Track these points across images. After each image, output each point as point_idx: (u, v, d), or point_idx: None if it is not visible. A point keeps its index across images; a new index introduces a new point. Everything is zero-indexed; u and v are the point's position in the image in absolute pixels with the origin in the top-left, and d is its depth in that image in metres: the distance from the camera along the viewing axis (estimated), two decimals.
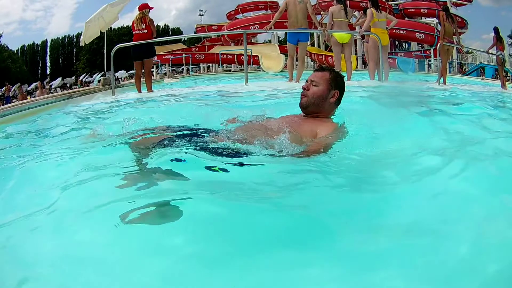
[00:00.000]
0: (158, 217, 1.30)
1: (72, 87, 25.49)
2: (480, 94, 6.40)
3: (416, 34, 22.56)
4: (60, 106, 5.97)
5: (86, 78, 31.32)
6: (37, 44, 57.65)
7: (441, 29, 8.58)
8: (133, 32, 7.55)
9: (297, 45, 7.48)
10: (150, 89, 7.56)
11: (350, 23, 10.00)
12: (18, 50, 55.43)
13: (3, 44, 49.44)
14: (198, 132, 2.09)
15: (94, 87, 10.15)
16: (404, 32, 22.65)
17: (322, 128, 2.12)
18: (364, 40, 8.66)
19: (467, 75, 21.05)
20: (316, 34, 23.69)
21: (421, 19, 26.76)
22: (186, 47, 29.87)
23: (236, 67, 22.24)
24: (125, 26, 45.57)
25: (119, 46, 7.81)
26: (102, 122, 3.59)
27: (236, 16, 31.63)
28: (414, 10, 26.51)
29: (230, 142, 1.90)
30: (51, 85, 29.35)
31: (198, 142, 1.91)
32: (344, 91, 2.36)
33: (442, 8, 8.70)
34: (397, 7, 26.89)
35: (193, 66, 24.04)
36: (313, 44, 25.58)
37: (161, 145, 1.89)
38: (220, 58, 21.09)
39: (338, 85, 2.31)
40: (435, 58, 8.28)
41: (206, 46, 27.37)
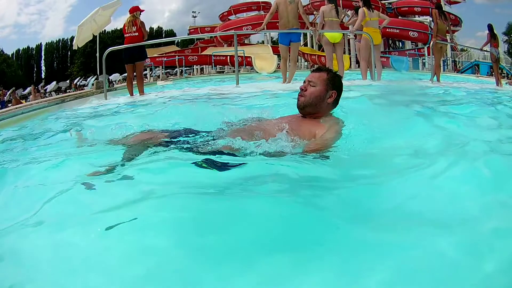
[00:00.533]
0: (154, 217, 1.29)
1: (67, 91, 25.44)
2: (474, 91, 6.39)
3: (410, 32, 22.61)
4: (53, 110, 5.94)
5: (81, 82, 31.36)
6: (31, 48, 57.58)
7: (434, 26, 8.57)
8: (124, 35, 7.49)
9: (289, 46, 7.37)
10: (142, 92, 7.49)
11: (342, 22, 9.97)
12: (13, 54, 55.34)
13: None
14: (195, 133, 2.10)
15: (87, 91, 10.13)
16: (398, 31, 22.71)
17: (320, 128, 2.12)
18: (356, 39, 8.63)
19: (462, 72, 21.09)
20: (309, 34, 23.67)
21: (414, 17, 26.84)
22: (180, 49, 29.88)
23: (230, 68, 22.11)
24: (118, 29, 45.36)
25: (110, 49, 7.77)
26: (92, 126, 3.54)
27: (229, 17, 31.63)
28: (407, 8, 26.56)
29: (228, 143, 1.90)
30: (46, 89, 29.33)
31: (195, 143, 1.92)
32: (342, 91, 2.36)
33: (435, 5, 8.66)
34: (390, 5, 26.93)
35: (186, 68, 23.98)
36: (306, 44, 25.63)
37: (158, 145, 1.91)
38: (213, 59, 21.02)
39: (335, 85, 2.31)
40: (429, 57, 8.31)
41: (199, 48, 27.31)
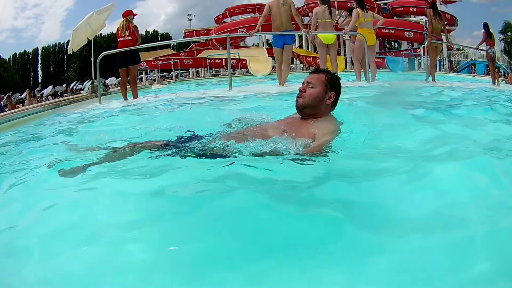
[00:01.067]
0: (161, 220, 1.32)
1: (63, 95, 25.36)
2: (469, 91, 6.36)
3: (405, 32, 22.60)
4: (47, 115, 5.95)
5: (77, 86, 31.20)
6: (28, 52, 57.38)
7: (428, 26, 8.53)
8: (117, 39, 7.49)
9: (283, 48, 7.30)
10: (135, 96, 7.50)
11: (337, 23, 9.95)
12: (10, 59, 55.14)
13: None
14: (194, 137, 2.12)
15: (81, 95, 10.10)
16: (393, 31, 22.70)
17: (320, 129, 2.13)
18: (351, 40, 8.60)
19: (458, 72, 21.11)
20: (304, 36, 23.69)
21: (410, 17, 26.86)
22: (175, 52, 29.83)
23: (225, 71, 22.03)
24: (114, 32, 45.38)
25: (104, 53, 7.80)
26: (85, 131, 3.53)
27: (224, 20, 31.62)
28: (403, 8, 26.56)
29: (227, 146, 1.91)
30: (42, 93, 29.23)
31: (195, 147, 1.93)
32: (341, 93, 2.37)
33: (430, 5, 8.64)
34: (385, 6, 26.96)
35: (182, 71, 23.94)
36: (301, 46, 25.64)
37: (160, 149, 1.92)
38: (208, 62, 20.96)
39: (334, 86, 2.32)
40: (425, 56, 8.31)
41: (195, 51, 27.27)
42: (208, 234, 1.20)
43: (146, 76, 21.03)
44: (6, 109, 15.11)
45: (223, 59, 20.20)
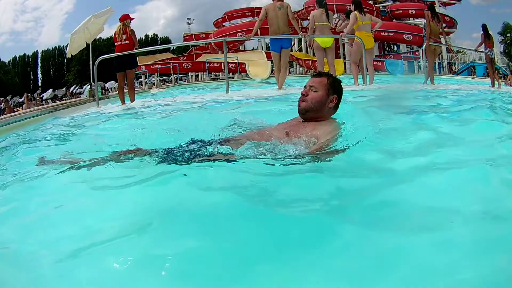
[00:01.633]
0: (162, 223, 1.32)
1: (63, 99, 25.39)
2: (467, 93, 6.33)
3: (404, 35, 22.60)
4: (45, 118, 5.94)
5: (77, 89, 31.27)
6: (28, 55, 57.55)
7: (426, 28, 8.49)
8: (115, 43, 7.50)
9: (280, 52, 7.29)
10: (133, 99, 7.52)
11: (335, 26, 9.91)
12: (9, 62, 55.32)
13: None
14: (195, 142, 2.10)
15: (80, 99, 10.13)
16: (392, 34, 22.70)
17: (322, 132, 2.14)
18: (349, 44, 8.58)
19: (458, 74, 21.11)
20: (303, 40, 23.70)
21: (409, 20, 26.85)
22: (174, 56, 29.86)
23: (224, 75, 22.05)
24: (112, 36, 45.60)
25: (102, 57, 7.80)
26: (77, 137, 3.52)
27: (223, 24, 31.67)
28: (402, 11, 26.57)
29: (229, 150, 1.90)
30: (42, 96, 29.26)
31: (195, 150, 1.92)
32: (342, 96, 2.39)
33: (428, 7, 8.61)
34: (384, 9, 26.98)
35: (182, 75, 23.94)
36: (301, 50, 25.64)
37: (161, 155, 1.92)
38: (207, 66, 20.98)
39: (336, 90, 2.34)
40: (425, 59, 8.31)
41: (194, 55, 27.36)
42: (202, 238, 1.19)
43: (146, 80, 21.06)
44: (5, 112, 15.11)
45: (222, 63, 20.26)
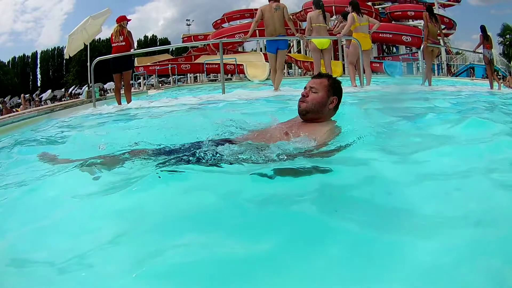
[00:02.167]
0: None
1: (62, 99, 25.39)
2: (464, 95, 6.31)
3: (403, 37, 22.63)
4: (42, 119, 5.94)
5: (76, 90, 31.27)
6: (27, 55, 57.52)
7: (424, 30, 8.45)
8: (111, 44, 7.50)
9: (277, 53, 7.26)
10: (129, 101, 7.53)
11: (333, 27, 9.87)
12: (9, 62, 55.29)
13: None
14: (193, 143, 2.08)
15: (77, 100, 10.14)
16: (391, 36, 22.73)
17: (322, 133, 2.15)
18: (346, 45, 8.56)
19: (457, 76, 21.11)
20: (306, 42, 23.72)
21: (408, 22, 26.88)
22: (173, 57, 29.84)
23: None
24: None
25: (98, 59, 7.85)
26: (75, 137, 3.49)
27: (222, 25, 31.70)
28: (401, 13, 26.63)
29: (229, 151, 1.89)
30: (41, 97, 29.22)
31: (193, 154, 1.90)
32: (342, 96, 2.40)
33: (426, 8, 8.55)
34: (383, 10, 27.02)
35: (180, 76, 23.93)
36: (299, 51, 25.64)
37: (162, 155, 1.90)
38: (205, 68, 20.97)
39: (336, 91, 2.35)
40: (424, 61, 8.28)
41: (193, 56, 27.35)
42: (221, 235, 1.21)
43: (145, 81, 21.05)
44: (2, 113, 15.10)
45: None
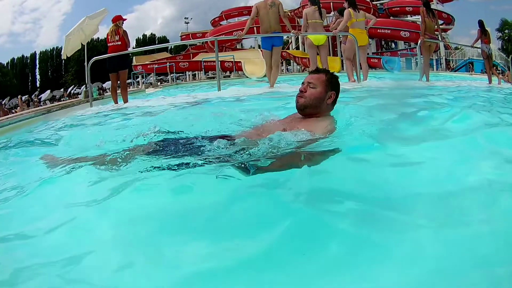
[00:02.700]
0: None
1: (61, 99, 25.39)
2: (463, 90, 6.28)
3: (401, 32, 22.56)
4: (39, 121, 5.96)
5: (75, 90, 31.22)
6: (26, 56, 57.47)
7: (421, 25, 8.37)
8: (107, 44, 7.51)
9: (272, 50, 7.24)
10: (126, 100, 7.51)
11: (331, 23, 9.81)
12: (8, 63, 55.26)
13: None
14: (192, 139, 2.09)
15: (73, 100, 10.14)
16: (389, 31, 22.67)
17: (320, 128, 2.14)
18: (342, 41, 8.50)
19: (456, 71, 21.09)
20: (301, 38, 23.65)
21: (406, 17, 26.82)
22: (171, 55, 29.81)
23: (221, 74, 22.02)
24: None
25: (94, 59, 7.84)
26: (70, 137, 3.48)
27: (220, 23, 31.60)
28: (399, 8, 26.55)
29: (229, 147, 1.90)
30: (40, 98, 29.20)
31: (193, 148, 1.91)
32: (340, 91, 2.40)
33: (422, 3, 8.48)
34: (382, 6, 26.95)
35: (179, 74, 23.93)
36: (298, 48, 25.60)
37: (161, 152, 1.89)
38: (203, 65, 20.99)
39: (334, 86, 2.35)
40: (422, 56, 8.25)
41: (191, 54, 27.32)
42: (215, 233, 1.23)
43: (143, 80, 21.03)
44: None
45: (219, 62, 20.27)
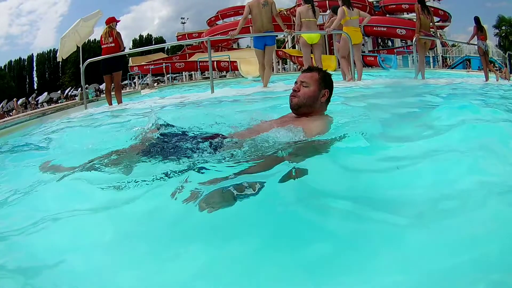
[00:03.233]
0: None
1: (58, 101, 25.38)
2: (458, 88, 6.26)
3: (397, 30, 22.50)
4: (33, 124, 5.96)
5: (72, 92, 31.22)
6: (23, 59, 57.32)
7: (416, 22, 8.32)
8: (101, 46, 7.54)
9: (264, 49, 7.20)
10: (120, 101, 7.57)
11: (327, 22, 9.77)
12: (5, 66, 55.16)
13: None
14: (185, 137, 2.06)
15: (68, 103, 10.15)
16: (385, 29, 22.63)
17: (313, 127, 2.12)
18: (336, 39, 8.46)
19: (453, 68, 21.07)
20: (296, 37, 23.55)
21: (402, 15, 26.76)
22: (168, 56, 29.79)
23: (217, 73, 22.07)
24: None
25: (88, 61, 7.93)
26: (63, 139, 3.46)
27: (216, 23, 31.54)
28: (395, 6, 26.46)
29: (224, 149, 1.88)
30: (37, 100, 29.20)
31: (185, 149, 1.88)
32: (333, 89, 2.38)
33: (418, 0, 8.45)
34: (378, 4, 26.89)
35: (176, 75, 23.91)
36: (294, 47, 25.54)
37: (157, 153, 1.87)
38: (199, 65, 20.96)
39: (327, 84, 2.34)
40: (417, 53, 8.19)
41: (187, 54, 27.36)
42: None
43: (140, 80, 20.99)
44: None
45: (214, 62, 20.28)
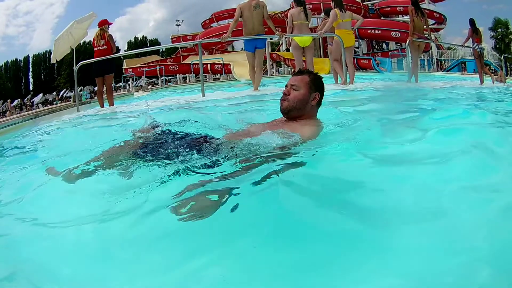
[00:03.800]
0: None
1: (53, 103, 25.33)
2: (452, 92, 6.23)
3: (392, 33, 22.57)
4: (26, 126, 5.99)
5: (67, 93, 31.09)
6: (19, 60, 57.25)
7: (410, 24, 8.23)
8: (94, 48, 7.55)
9: (255, 52, 7.16)
10: (111, 104, 7.60)
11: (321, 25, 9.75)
12: (2, 67, 55.07)
13: None
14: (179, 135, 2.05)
15: (61, 105, 10.17)
16: (379, 32, 22.70)
17: (305, 130, 2.11)
18: (328, 42, 8.44)
19: (448, 71, 21.10)
20: (287, 40, 23.58)
21: (397, 17, 26.85)
22: (162, 58, 29.76)
23: (211, 76, 22.14)
24: None
25: (81, 63, 7.91)
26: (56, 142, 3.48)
27: (211, 25, 31.65)
28: (390, 8, 26.57)
29: (214, 152, 1.85)
30: (33, 101, 29.07)
31: (176, 156, 1.84)
32: (324, 92, 2.36)
33: (411, 2, 8.38)
34: (372, 6, 26.98)
35: (170, 77, 23.87)
36: (288, 50, 25.58)
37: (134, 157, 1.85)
38: (192, 68, 20.89)
39: (318, 87, 2.31)
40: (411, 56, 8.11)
41: (181, 57, 27.38)
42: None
43: (134, 83, 20.94)
44: None
45: (208, 64, 20.27)
